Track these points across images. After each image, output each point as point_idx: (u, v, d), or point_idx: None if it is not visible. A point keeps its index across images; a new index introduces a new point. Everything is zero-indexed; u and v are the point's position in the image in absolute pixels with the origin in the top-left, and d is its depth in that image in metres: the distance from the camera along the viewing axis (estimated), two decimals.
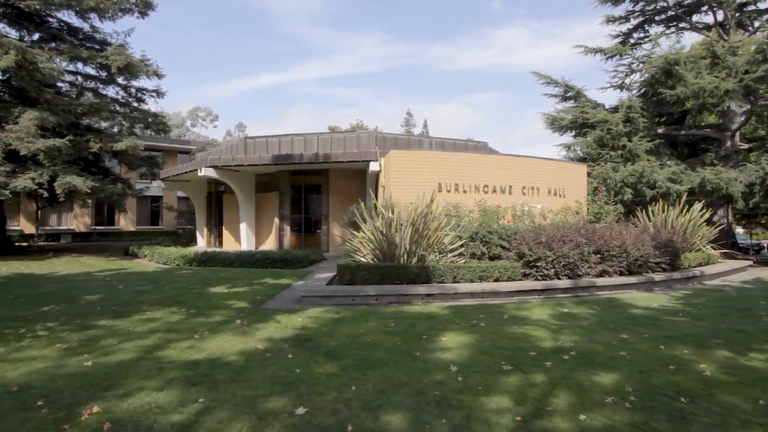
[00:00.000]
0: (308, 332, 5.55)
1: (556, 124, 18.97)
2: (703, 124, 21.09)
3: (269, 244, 17.71)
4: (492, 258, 9.95)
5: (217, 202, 20.83)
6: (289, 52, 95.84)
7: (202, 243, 21.65)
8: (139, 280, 10.16)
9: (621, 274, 9.66)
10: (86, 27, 20.01)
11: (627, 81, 17.76)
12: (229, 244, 19.16)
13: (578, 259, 9.08)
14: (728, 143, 17.89)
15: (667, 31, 19.25)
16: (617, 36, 20.37)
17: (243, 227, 17.48)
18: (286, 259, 13.49)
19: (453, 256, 9.28)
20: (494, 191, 12.84)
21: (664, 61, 14.38)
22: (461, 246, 9.56)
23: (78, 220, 31.07)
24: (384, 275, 8.47)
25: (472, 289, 8.12)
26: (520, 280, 8.97)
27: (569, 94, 20.34)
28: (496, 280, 8.83)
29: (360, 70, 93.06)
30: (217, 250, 15.90)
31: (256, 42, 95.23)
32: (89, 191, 15.69)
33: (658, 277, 9.80)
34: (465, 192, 12.50)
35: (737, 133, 17.95)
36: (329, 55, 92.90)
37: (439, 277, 8.62)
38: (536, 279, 8.90)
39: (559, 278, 8.99)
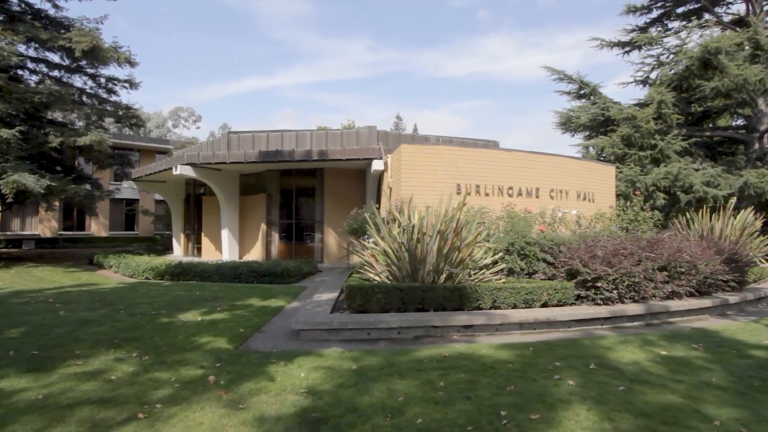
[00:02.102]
0: (319, 403, 3.60)
1: (572, 122, 17.36)
2: (725, 125, 19.78)
3: (254, 254, 15.64)
4: (531, 275, 8.13)
5: (195, 205, 18.66)
6: (276, 56, 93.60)
7: (179, 251, 19.43)
8: (91, 302, 8.05)
9: (690, 295, 7.92)
10: (49, 8, 17.79)
11: (653, 75, 16.26)
12: (209, 253, 17.03)
13: (644, 278, 7.31)
14: (756, 145, 16.50)
15: (689, 24, 17.87)
16: (632, 31, 18.92)
17: (225, 234, 15.39)
18: (274, 272, 11.49)
19: (490, 274, 7.41)
20: (519, 194, 11.07)
21: (703, 51, 12.87)
22: (495, 261, 7.71)
23: (44, 225, 28.44)
24: (406, 299, 6.56)
25: (522, 317, 6.27)
26: (573, 304, 7.15)
27: (583, 92, 18.82)
28: (544, 305, 6.99)
29: (347, 76, 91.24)
30: (195, 260, 13.80)
31: (242, 46, 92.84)
32: (43, 191, 13.44)
33: (732, 298, 8.09)
34: (487, 195, 10.71)
35: (765, 135, 16.60)
36: (316, 60, 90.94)
37: (474, 301, 6.74)
38: (596, 303, 7.09)
39: (623, 302, 7.20)
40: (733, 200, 11.80)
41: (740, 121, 20.03)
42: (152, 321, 6.56)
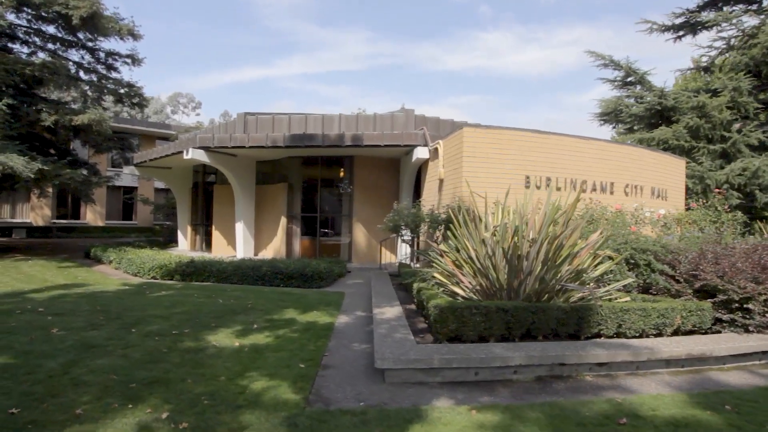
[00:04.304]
0: None
1: (622, 113, 15.77)
2: None
3: (271, 250, 14.02)
4: (645, 290, 6.59)
5: (204, 194, 16.97)
6: (273, 46, 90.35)
7: (185, 244, 17.75)
8: (92, 313, 6.42)
9: None
10: None
11: (717, 61, 14.65)
12: (220, 248, 15.37)
13: None
14: None
15: (750, 7, 16.27)
16: (681, 15, 17.31)
17: (239, 227, 13.74)
18: (304, 273, 9.87)
19: (614, 291, 5.85)
20: (594, 189, 9.53)
21: None
22: (603, 273, 6.13)
23: (36, 213, 26.61)
24: (512, 324, 4.99)
25: (672, 352, 4.71)
26: (708, 329, 5.61)
27: (630, 79, 17.28)
28: (676, 331, 5.46)
29: (345, 68, 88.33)
30: (207, 256, 12.16)
31: (239, 34, 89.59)
32: (34, 176, 11.72)
33: None
34: (558, 189, 9.14)
35: None
36: (313, 51, 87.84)
37: (595, 326, 5.20)
38: (747, 331, 5.54)
39: None
40: None
41: None
42: (175, 346, 4.95)
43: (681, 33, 16.74)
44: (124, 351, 4.72)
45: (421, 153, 10.88)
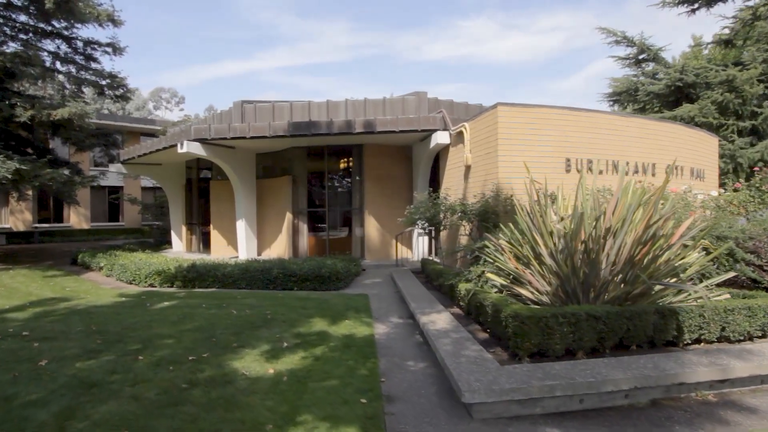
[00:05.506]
0: None
1: (638, 91, 15.00)
2: None
3: (277, 249, 13.02)
4: (727, 284, 5.81)
5: (199, 191, 15.84)
6: (253, 39, 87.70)
7: (180, 246, 16.63)
8: (87, 336, 5.42)
9: None
10: None
11: (742, 32, 13.94)
12: (220, 249, 14.31)
13: None
14: None
15: None
16: None
17: (241, 226, 12.70)
18: (320, 275, 8.93)
19: (714, 287, 5.04)
20: (635, 171, 8.74)
21: None
22: (702, 267, 5.31)
23: (15, 217, 25.11)
24: (605, 333, 4.15)
25: None
26: None
27: (643, 56, 16.55)
28: None
29: (327, 60, 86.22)
30: (207, 258, 11.14)
31: (218, 28, 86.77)
32: (10, 176, 10.54)
33: None
34: (600, 172, 8.34)
35: None
36: (294, 43, 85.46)
37: (695, 331, 4.40)
38: None
39: None
40: None
41: None
42: (196, 378, 4.00)
43: (696, 6, 15.96)
44: (133, 389, 3.77)
45: (440, 138, 9.97)
